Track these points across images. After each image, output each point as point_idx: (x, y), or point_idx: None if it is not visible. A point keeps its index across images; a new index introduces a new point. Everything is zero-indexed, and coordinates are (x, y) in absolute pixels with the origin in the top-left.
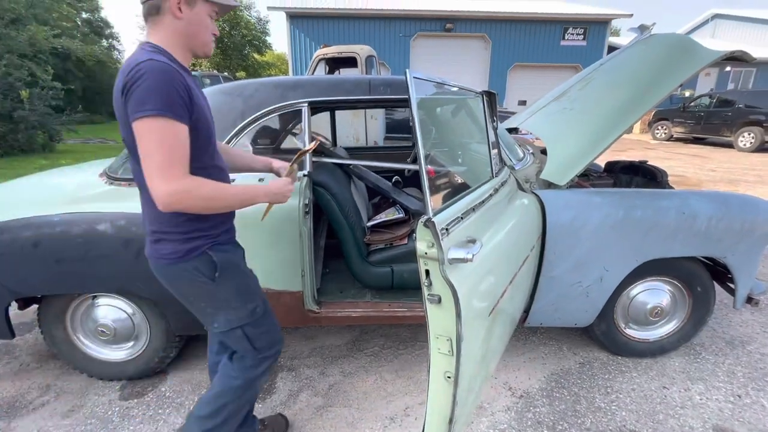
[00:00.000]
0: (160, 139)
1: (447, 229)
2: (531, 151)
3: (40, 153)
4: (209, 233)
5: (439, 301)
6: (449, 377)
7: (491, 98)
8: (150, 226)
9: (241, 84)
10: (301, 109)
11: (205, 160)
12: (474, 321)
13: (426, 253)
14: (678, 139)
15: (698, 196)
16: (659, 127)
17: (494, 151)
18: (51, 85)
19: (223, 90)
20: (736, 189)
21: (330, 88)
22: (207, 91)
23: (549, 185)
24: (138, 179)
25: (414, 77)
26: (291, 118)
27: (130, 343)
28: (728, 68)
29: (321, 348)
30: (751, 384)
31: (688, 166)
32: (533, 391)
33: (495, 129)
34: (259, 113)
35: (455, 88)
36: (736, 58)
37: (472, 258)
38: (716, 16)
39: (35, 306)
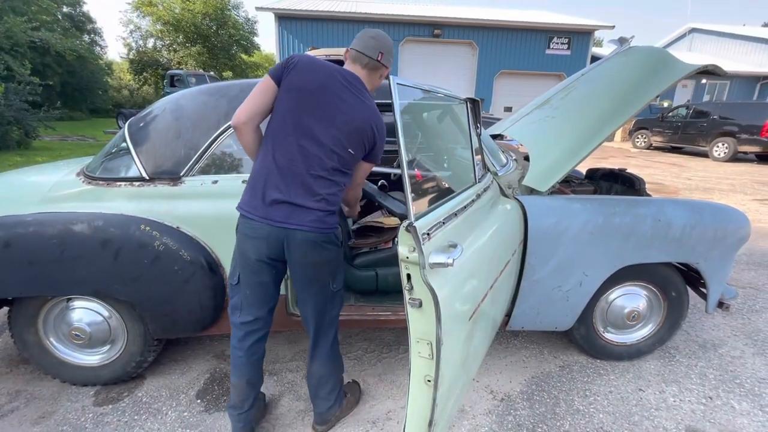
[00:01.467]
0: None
1: (428, 234)
2: (514, 157)
3: (15, 150)
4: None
5: (420, 305)
6: (429, 381)
7: (475, 105)
8: (329, 206)
9: (226, 85)
10: None
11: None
12: (454, 325)
13: (407, 258)
14: (657, 148)
15: (673, 205)
16: (639, 136)
17: (477, 157)
18: (28, 80)
19: (207, 91)
20: (710, 197)
21: None
22: (188, 92)
23: (531, 191)
24: (339, 174)
25: (397, 83)
26: None
27: (106, 348)
28: (704, 80)
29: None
30: (722, 386)
31: (666, 174)
32: (514, 394)
33: (478, 135)
34: None
35: (439, 95)
36: (710, 72)
37: (452, 263)
38: (693, 30)
39: (5, 308)
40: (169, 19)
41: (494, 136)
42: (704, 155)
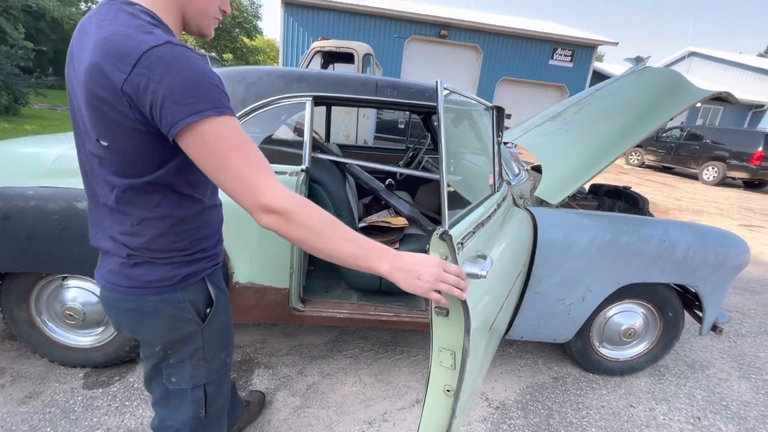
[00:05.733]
0: (230, 142)
1: (462, 243)
2: (525, 167)
3: (3, 116)
4: (210, 253)
5: (447, 314)
6: (449, 391)
7: (500, 113)
8: (128, 245)
9: (244, 70)
10: (304, 102)
11: (204, 190)
12: (477, 337)
13: None
14: (649, 166)
15: (679, 227)
16: (633, 153)
17: (497, 167)
18: (21, 44)
19: (224, 74)
20: (699, 219)
21: (336, 85)
22: None
23: (541, 203)
24: (120, 189)
25: (444, 87)
26: (290, 109)
27: (100, 329)
28: (698, 104)
29: (300, 346)
30: (709, 407)
31: (657, 193)
32: (509, 403)
33: (499, 144)
34: (260, 102)
35: (472, 101)
36: (722, 99)
37: (485, 274)
38: (692, 53)
39: None
40: None
41: None
42: (694, 177)
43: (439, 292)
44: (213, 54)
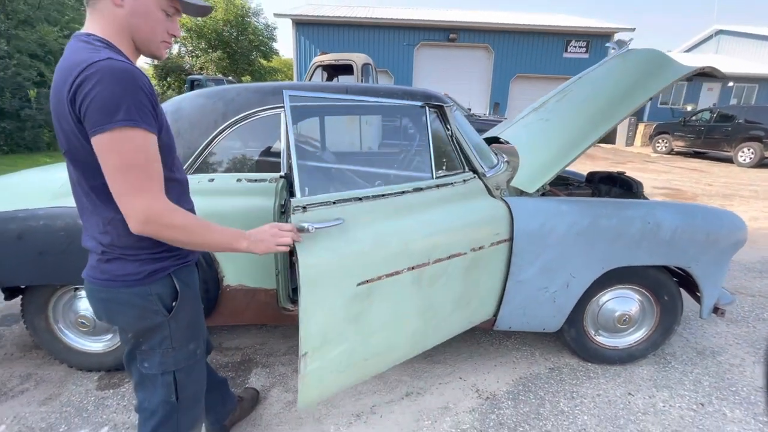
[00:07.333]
0: (134, 153)
1: (304, 207)
2: (506, 159)
3: (45, 151)
4: (177, 252)
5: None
6: None
7: (440, 110)
8: (102, 242)
9: (223, 89)
10: (279, 114)
11: (164, 172)
12: (330, 283)
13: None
14: (678, 153)
15: (663, 207)
16: (660, 141)
17: (448, 155)
18: None
19: (205, 94)
20: (730, 203)
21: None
22: (188, 95)
23: (521, 193)
24: (88, 192)
25: (290, 95)
26: (269, 121)
27: (109, 336)
28: (731, 84)
29: (297, 346)
30: (715, 393)
31: (686, 179)
32: (500, 393)
33: (451, 137)
34: (240, 116)
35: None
36: (708, 74)
37: (313, 229)
38: (720, 32)
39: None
40: (192, 26)
41: (493, 140)
42: (728, 160)
43: None
44: (230, 78)
